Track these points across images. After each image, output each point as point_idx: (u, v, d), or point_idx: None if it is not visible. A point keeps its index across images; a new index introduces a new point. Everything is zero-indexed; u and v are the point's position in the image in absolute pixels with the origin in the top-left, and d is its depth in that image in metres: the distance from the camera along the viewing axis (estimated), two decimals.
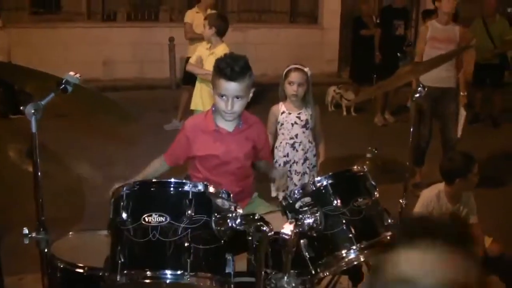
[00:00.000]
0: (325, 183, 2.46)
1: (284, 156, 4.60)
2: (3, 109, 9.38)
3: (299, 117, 4.55)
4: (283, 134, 4.61)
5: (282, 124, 4.59)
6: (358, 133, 8.59)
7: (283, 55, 11.87)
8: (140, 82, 12.36)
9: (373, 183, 2.56)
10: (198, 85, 6.14)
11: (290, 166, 4.59)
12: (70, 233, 3.12)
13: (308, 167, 4.61)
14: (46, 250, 2.37)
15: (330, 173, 2.50)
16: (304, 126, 4.56)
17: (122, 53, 12.48)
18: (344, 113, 10.47)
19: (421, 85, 2.98)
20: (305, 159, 4.60)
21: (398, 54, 9.54)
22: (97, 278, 2.36)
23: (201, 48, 6.20)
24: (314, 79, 4.64)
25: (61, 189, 3.03)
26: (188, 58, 7.89)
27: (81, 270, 2.70)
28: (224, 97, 3.10)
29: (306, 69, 4.48)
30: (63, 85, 2.28)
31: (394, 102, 10.13)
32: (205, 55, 5.98)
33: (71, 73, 2.33)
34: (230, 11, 13.67)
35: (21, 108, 2.20)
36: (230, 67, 3.04)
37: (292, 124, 4.56)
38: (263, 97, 9.21)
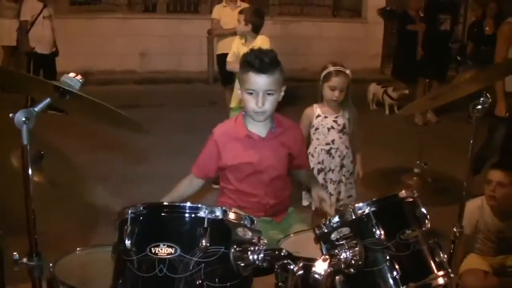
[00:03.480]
0: (367, 211, 2.05)
1: (319, 163, 4.24)
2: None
3: (336, 121, 4.19)
4: (318, 139, 4.25)
5: (317, 129, 4.23)
6: (401, 133, 8.13)
7: (325, 50, 11.48)
8: (177, 75, 12.12)
9: (424, 211, 2.15)
10: (238, 83, 5.78)
11: (325, 174, 4.24)
12: (78, 249, 2.80)
13: (344, 175, 4.27)
14: (40, 278, 2.03)
15: (373, 199, 2.10)
16: (341, 131, 4.20)
17: (160, 45, 12.28)
18: (387, 111, 9.98)
19: (484, 94, 2.53)
20: (342, 166, 4.25)
21: (458, 57, 9.02)
22: None
23: (238, 44, 5.82)
24: (355, 75, 4.26)
25: (70, 199, 2.72)
26: (219, 56, 7.56)
27: None
28: (253, 93, 2.81)
29: (347, 72, 4.09)
30: (61, 90, 1.93)
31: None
32: (243, 51, 5.62)
33: (71, 74, 1.98)
34: (271, 4, 13.32)
35: (10, 115, 1.85)
36: (259, 58, 2.77)
37: (329, 129, 4.20)
38: (301, 94, 8.86)
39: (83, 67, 9.80)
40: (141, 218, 1.93)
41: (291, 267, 1.84)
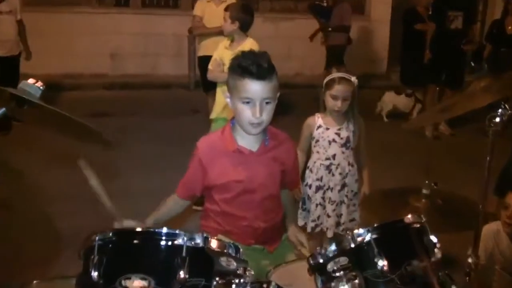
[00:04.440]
0: (367, 238, 2.07)
1: (318, 180, 4.27)
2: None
3: (338, 134, 4.22)
4: (318, 152, 4.29)
5: (317, 141, 4.27)
6: (409, 148, 8.14)
7: (322, 52, 11.50)
8: (153, 79, 12.12)
9: (434, 238, 2.17)
10: (219, 91, 5.77)
11: (324, 193, 4.27)
12: (35, 281, 2.79)
13: (346, 195, 4.27)
14: None
15: (374, 225, 2.11)
16: (344, 145, 4.23)
17: (133, 45, 12.26)
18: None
19: (502, 105, 2.55)
20: (343, 186, 4.26)
21: (472, 63, 8.92)
22: None
23: (221, 49, 5.79)
24: (358, 81, 4.25)
25: (25, 222, 2.73)
26: (200, 58, 7.58)
27: None
28: (250, 103, 2.80)
29: (353, 79, 4.13)
30: (18, 98, 1.94)
31: None
32: (227, 56, 5.60)
33: (30, 80, 1.98)
34: None
35: None
36: (256, 63, 2.76)
37: (330, 142, 4.23)
38: (294, 102, 8.87)
39: (44, 70, 9.76)
40: (110, 246, 1.94)
41: None
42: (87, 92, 11.16)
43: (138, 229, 2.00)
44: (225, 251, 1.97)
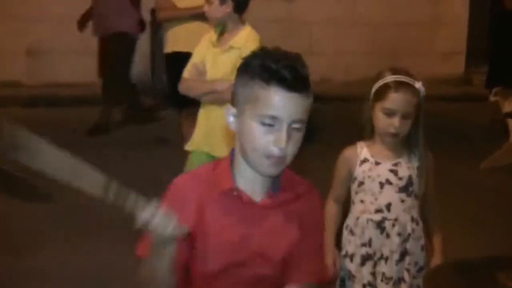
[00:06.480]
0: None
1: (364, 245, 4.21)
2: None
3: (395, 172, 4.20)
4: (362, 202, 4.25)
5: (361, 184, 4.23)
6: (504, 197, 8.15)
7: (361, 45, 11.61)
8: (96, 90, 12.08)
9: None
10: (202, 113, 5.74)
11: (374, 266, 4.21)
12: None
13: (407, 269, 4.22)
14: None
15: None
16: (404, 189, 4.19)
17: (64, 37, 12.31)
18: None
19: None
20: (403, 254, 4.21)
21: None
22: None
23: (204, 47, 5.76)
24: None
25: None
26: (168, 57, 7.66)
27: None
28: (273, 125, 2.73)
29: (418, 85, 4.09)
30: None
31: None
32: (215, 57, 5.55)
33: None
34: None
35: None
36: (290, 67, 2.70)
37: (382, 184, 4.19)
38: (319, 123, 8.87)
39: None
40: None
41: None
42: None
43: None
44: None
